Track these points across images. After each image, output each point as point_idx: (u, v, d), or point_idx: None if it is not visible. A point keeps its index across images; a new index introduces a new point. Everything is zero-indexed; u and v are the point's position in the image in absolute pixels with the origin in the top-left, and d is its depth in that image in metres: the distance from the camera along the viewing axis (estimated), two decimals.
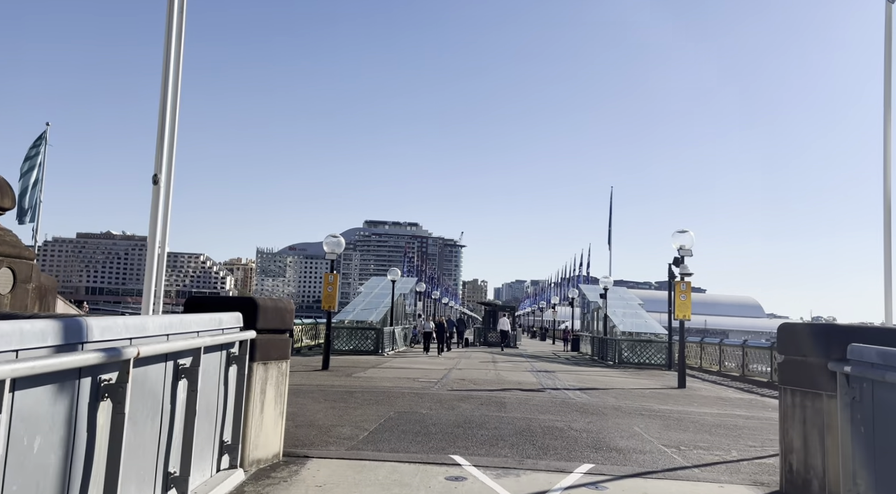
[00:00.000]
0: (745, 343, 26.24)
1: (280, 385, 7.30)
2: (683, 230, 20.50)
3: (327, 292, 21.05)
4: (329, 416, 10.65)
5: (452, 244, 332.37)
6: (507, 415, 11.23)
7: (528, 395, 14.66)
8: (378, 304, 34.59)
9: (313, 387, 14.75)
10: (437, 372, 20.85)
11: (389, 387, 15.17)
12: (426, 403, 12.54)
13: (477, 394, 14.28)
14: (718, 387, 21.00)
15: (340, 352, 29.18)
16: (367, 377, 18.39)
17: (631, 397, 15.90)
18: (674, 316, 20.37)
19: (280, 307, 7.17)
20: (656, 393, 17.50)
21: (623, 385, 19.55)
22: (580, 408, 12.75)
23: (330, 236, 21.14)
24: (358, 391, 14.27)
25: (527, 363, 28.36)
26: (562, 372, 23.38)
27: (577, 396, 15.12)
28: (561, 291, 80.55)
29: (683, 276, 20.35)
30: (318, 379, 17.12)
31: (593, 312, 37.89)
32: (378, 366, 22.64)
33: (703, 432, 10.66)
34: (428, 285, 67.18)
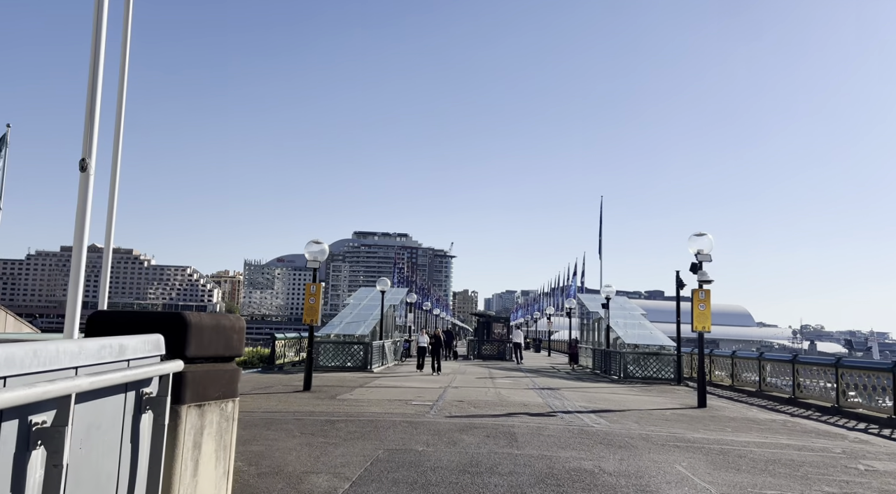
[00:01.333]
0: (761, 355, 24.39)
1: (224, 433, 5.27)
2: (701, 233, 18.67)
3: (309, 304, 19.00)
4: (303, 457, 8.62)
5: (443, 255, 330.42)
6: (522, 453, 9.23)
7: (539, 422, 12.66)
8: (366, 316, 32.54)
9: (289, 415, 12.70)
10: (431, 391, 18.82)
11: (378, 414, 13.14)
12: (422, 435, 10.52)
13: (480, 422, 12.27)
14: (740, 406, 19.11)
15: (326, 369, 27.10)
16: (354, 399, 16.34)
17: (653, 421, 13.96)
18: (692, 328, 18.48)
19: (223, 325, 5.16)
20: (678, 415, 15.57)
21: (638, 405, 17.61)
22: (604, 440, 10.77)
23: (312, 242, 19.14)
24: (341, 419, 12.22)
25: (527, 379, 26.37)
26: (567, 390, 21.42)
27: (594, 422, 13.16)
28: (554, 301, 78.74)
29: (702, 284, 18.48)
30: (297, 403, 15.05)
31: (594, 323, 36.00)
32: (366, 385, 20.58)
33: (762, 472, 8.72)
34: (419, 296, 65.19)
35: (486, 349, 42.40)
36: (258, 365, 28.64)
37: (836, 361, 19.03)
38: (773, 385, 22.96)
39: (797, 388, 20.80)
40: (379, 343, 29.82)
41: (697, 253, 18.48)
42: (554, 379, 27.23)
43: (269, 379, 22.42)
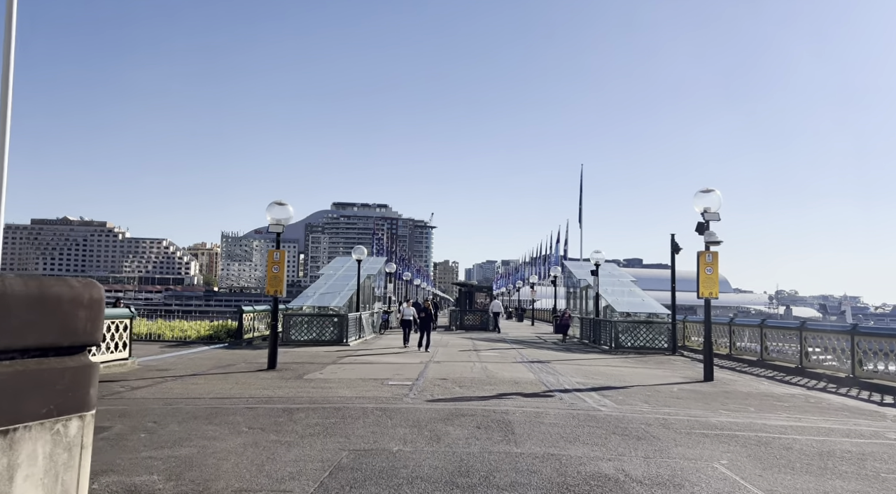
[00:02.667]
0: (763, 322, 22.85)
1: (63, 471, 3.24)
2: (708, 189, 16.81)
3: (272, 274, 16.91)
4: (243, 465, 6.67)
5: (423, 225, 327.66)
6: (523, 452, 7.36)
7: (536, 406, 10.82)
8: (342, 287, 30.51)
9: (241, 403, 10.72)
10: (411, 368, 16.95)
11: (347, 399, 11.21)
12: (398, 429, 8.61)
13: (468, 408, 10.39)
14: (747, 378, 17.53)
15: (298, 343, 25.16)
16: (323, 379, 14.42)
17: (664, 400, 12.23)
18: (698, 294, 16.74)
19: (54, 296, 3.12)
20: (688, 391, 13.87)
21: (640, 379, 15.91)
22: (617, 428, 8.96)
23: (274, 203, 16.97)
24: (303, 407, 10.27)
25: (514, 351, 24.65)
26: (558, 363, 19.69)
27: (598, 403, 11.36)
28: (537, 270, 77.28)
29: (710, 245, 16.70)
30: (256, 385, 13.08)
31: (581, 291, 34.36)
32: (339, 361, 18.67)
33: (823, 471, 6.95)
34: (399, 266, 63.25)
35: (468, 319, 40.71)
36: (225, 339, 26.60)
37: (852, 328, 17.47)
38: (776, 354, 21.49)
39: (804, 357, 19.30)
40: (355, 315, 27.88)
41: (704, 212, 16.65)
42: (542, 350, 25.54)
43: (233, 355, 20.42)
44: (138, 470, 6.40)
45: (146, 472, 6.34)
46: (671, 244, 26.16)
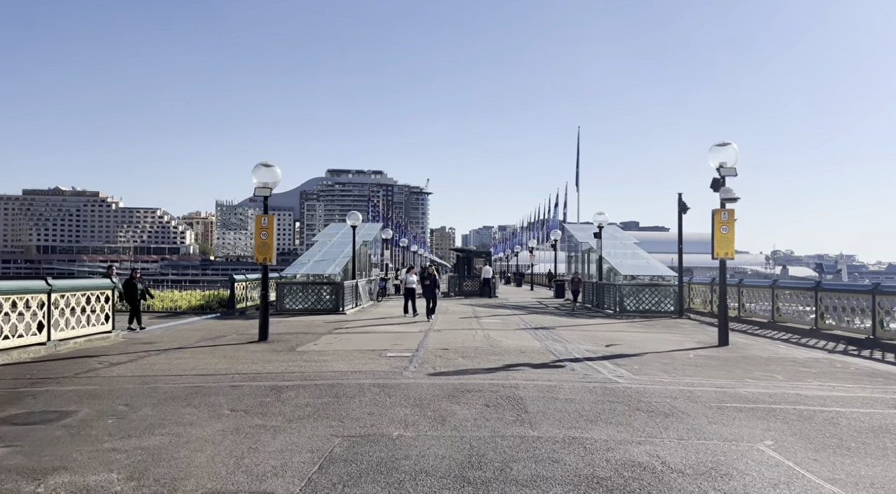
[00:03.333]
0: (775, 283, 22.02)
1: None
2: (724, 143, 15.74)
3: (260, 240, 15.90)
4: (220, 458, 5.77)
5: (419, 192, 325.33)
6: (541, 436, 6.48)
7: (548, 378, 9.93)
8: (337, 254, 29.53)
9: (226, 380, 9.82)
10: (411, 337, 16.09)
11: (343, 374, 10.31)
12: (398, 409, 7.72)
13: (474, 382, 9.50)
14: (763, 341, 16.74)
15: (292, 312, 24.30)
16: (317, 351, 13.54)
17: (682, 368, 11.37)
18: (713, 254, 15.82)
19: None
20: (706, 358, 13.04)
21: (652, 345, 15.08)
22: (640, 404, 8.09)
23: (260, 165, 15.85)
24: (293, 384, 9.37)
25: (515, 317, 23.84)
26: (563, 329, 18.87)
27: (613, 374, 10.50)
28: (535, 234, 76.45)
29: (726, 202, 15.71)
30: (245, 359, 12.19)
31: (583, 255, 33.46)
32: (335, 331, 17.80)
33: (884, 452, 6.10)
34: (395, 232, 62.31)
35: (467, 285, 39.86)
36: (218, 309, 25.74)
37: (874, 287, 16.62)
38: (789, 315, 20.70)
39: (820, 319, 18.51)
40: (351, 283, 26.97)
41: (720, 167, 15.61)
42: (545, 316, 24.73)
43: (224, 326, 19.54)
44: (96, 467, 5.49)
45: (105, 469, 5.44)
46: (678, 203, 25.17)
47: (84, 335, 15.30)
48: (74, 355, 13.10)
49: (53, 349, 13.79)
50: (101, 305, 16.26)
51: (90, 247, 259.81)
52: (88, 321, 15.67)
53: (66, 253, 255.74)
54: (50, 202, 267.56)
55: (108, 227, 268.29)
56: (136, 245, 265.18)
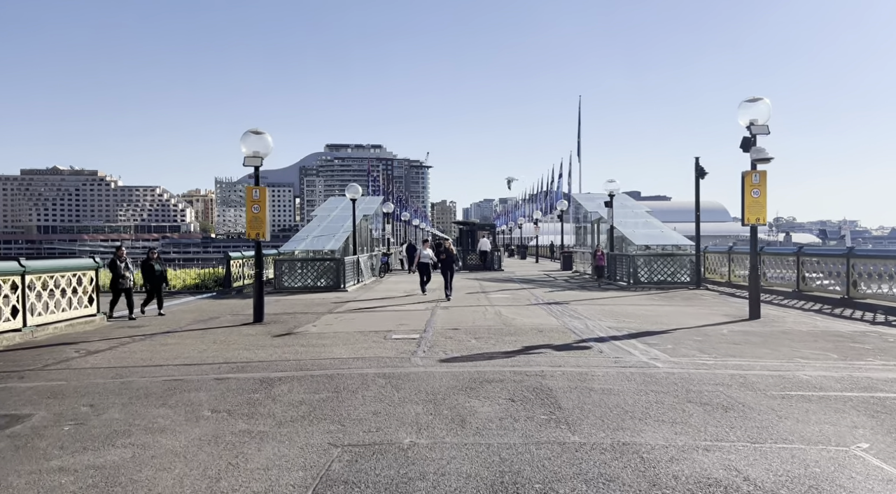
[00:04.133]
0: (801, 250, 20.78)
1: None
2: (755, 98, 14.39)
3: (252, 214, 14.67)
4: (190, 479, 4.63)
5: (419, 165, 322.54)
6: (584, 442, 5.33)
7: (575, 363, 8.77)
8: (337, 229, 28.32)
9: (212, 370, 8.67)
10: (417, 316, 14.95)
11: (343, 361, 9.16)
12: (408, 407, 6.57)
13: (492, 369, 8.34)
14: (795, 313, 15.56)
15: (291, 290, 23.16)
16: (316, 333, 12.41)
17: (721, 346, 10.21)
18: (743, 220, 14.58)
19: None
20: (741, 333, 11.87)
21: (678, 319, 13.93)
22: (689, 394, 6.94)
23: (249, 133, 14.56)
24: (287, 374, 8.23)
25: (525, 291, 22.70)
26: (578, 304, 17.71)
27: (647, 355, 9.35)
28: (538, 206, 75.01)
29: (757, 164, 14.41)
30: (235, 345, 11.04)
31: (593, 225, 32.20)
32: (335, 310, 16.68)
33: None
34: (396, 206, 60.96)
35: (471, 259, 38.66)
36: (214, 288, 24.61)
37: None
38: (815, 284, 19.51)
39: (852, 287, 17.32)
40: (352, 258, 25.79)
41: (750, 125, 14.28)
42: (555, 290, 23.58)
43: (218, 306, 18.42)
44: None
45: None
46: (695, 168, 23.84)
47: (65, 319, 14.17)
48: (52, 342, 11.97)
49: (30, 335, 12.67)
50: (83, 287, 15.13)
51: (91, 226, 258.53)
52: (70, 304, 14.54)
53: (67, 233, 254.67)
54: (49, 182, 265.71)
55: (107, 206, 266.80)
56: (137, 223, 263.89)
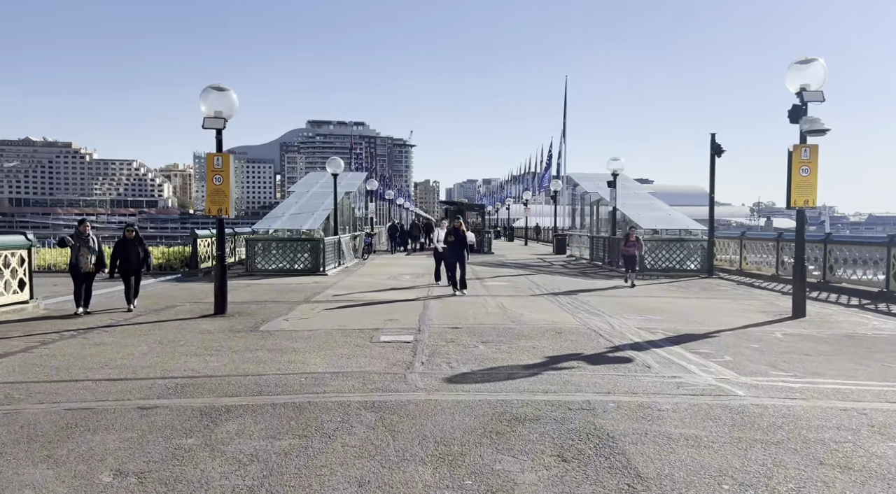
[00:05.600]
0: (828, 237, 18.87)
1: None
2: (808, 59, 12.28)
3: (213, 186, 12.31)
4: None
5: (402, 144, 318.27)
6: None
7: (626, 388, 6.62)
8: (316, 206, 25.95)
9: (142, 389, 6.42)
10: (407, 308, 12.79)
11: (317, 378, 6.96)
12: (410, 471, 4.39)
13: (519, 400, 6.15)
14: (838, 309, 13.61)
15: (265, 273, 20.89)
16: (287, 331, 10.20)
17: (791, 359, 8.16)
18: (789, 202, 12.54)
19: None
20: (798, 337, 9.85)
21: (712, 317, 11.90)
22: (811, 448, 4.86)
23: (210, 89, 12.16)
24: (239, 403, 6.01)
25: (522, 277, 20.64)
26: (586, 294, 15.67)
27: (709, 373, 7.27)
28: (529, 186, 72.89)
29: (808, 136, 12.33)
30: (184, 347, 8.80)
31: (592, 206, 30.14)
32: (313, 298, 14.48)
33: None
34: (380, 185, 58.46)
35: None
36: (179, 269, 22.24)
37: None
38: (845, 276, 17.61)
39: (893, 279, 15.46)
40: (333, 239, 23.50)
41: (801, 91, 12.16)
42: (555, 276, 21.54)
43: (180, 291, 16.14)
44: None
45: None
46: (711, 145, 21.84)
47: None
48: None
49: None
50: (11, 269, 12.76)
51: (64, 199, 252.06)
52: None
53: (40, 206, 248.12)
54: (21, 153, 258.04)
55: (82, 180, 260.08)
56: (113, 198, 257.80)
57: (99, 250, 12.47)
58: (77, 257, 12.21)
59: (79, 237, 12.34)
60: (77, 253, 12.22)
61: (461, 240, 16.01)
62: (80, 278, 12.19)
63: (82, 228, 12.47)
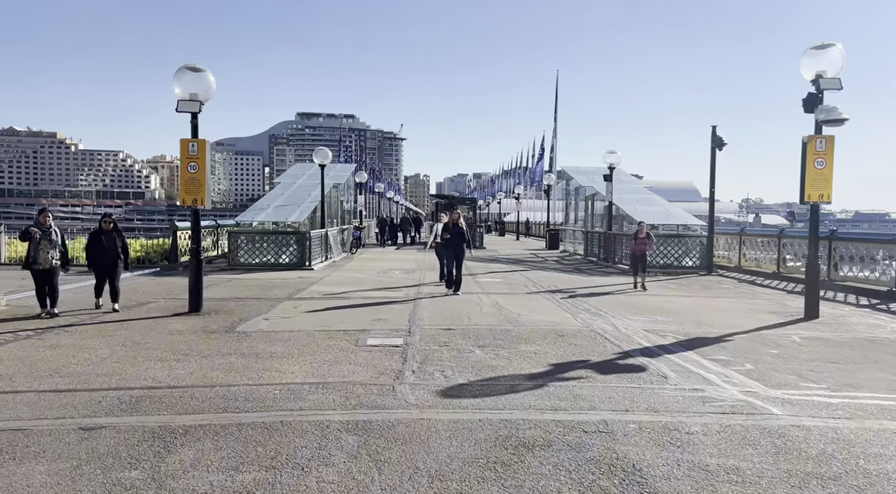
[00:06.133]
0: (833, 234, 18.19)
1: None
2: (824, 44, 11.53)
3: (188, 174, 11.40)
4: None
5: (392, 137, 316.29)
6: None
7: (645, 404, 5.83)
8: (303, 198, 25.05)
9: (88, 405, 5.54)
10: (396, 309, 11.95)
11: (294, 390, 6.13)
12: None
13: (525, 419, 5.33)
14: (851, 310, 12.94)
15: (248, 267, 20.00)
16: (265, 332, 9.36)
17: (822, 370, 7.41)
18: (803, 197, 11.81)
19: None
20: (818, 342, 9.12)
21: (720, 318, 11.17)
22: (845, 479, 4.11)
23: (185, 69, 11.25)
24: (200, 422, 5.16)
25: (516, 274, 19.87)
26: (585, 293, 14.91)
27: (733, 383, 6.51)
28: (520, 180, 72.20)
29: (823, 126, 11.59)
30: (149, 350, 7.94)
31: (587, 201, 29.41)
32: (296, 295, 13.64)
33: None
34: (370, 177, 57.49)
35: None
36: (158, 263, 21.27)
37: None
38: (852, 274, 16.95)
39: None
40: (320, 232, 22.60)
41: (818, 78, 11.41)
42: (550, 272, 20.79)
43: (157, 286, 15.25)
44: None
45: None
46: (712, 137, 21.11)
47: None
48: None
49: None
50: None
51: (49, 190, 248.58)
52: None
53: (25, 197, 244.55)
54: (4, 143, 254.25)
55: (67, 170, 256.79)
56: (99, 189, 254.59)
57: (63, 244, 11.14)
58: (36, 251, 10.73)
59: (39, 228, 10.87)
60: (37, 246, 10.74)
61: (460, 234, 14.56)
62: (40, 276, 10.75)
63: (42, 218, 11.02)
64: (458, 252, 14.36)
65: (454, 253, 14.35)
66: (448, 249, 14.51)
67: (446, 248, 14.57)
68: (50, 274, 10.81)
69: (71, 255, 17.45)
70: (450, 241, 14.46)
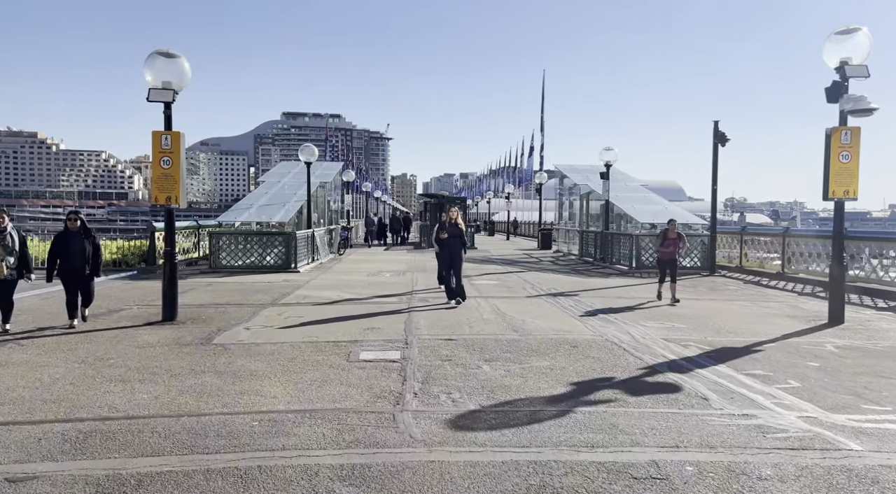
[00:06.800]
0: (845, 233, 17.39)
1: None
2: (850, 29, 10.71)
3: (161, 170, 10.36)
4: None
5: (378, 137, 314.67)
6: None
7: (697, 438, 4.88)
8: (288, 198, 24.02)
9: (25, 444, 4.51)
10: (390, 316, 10.99)
11: (275, 423, 5.15)
12: None
13: (557, 460, 4.38)
14: (873, 314, 12.16)
15: (231, 270, 18.95)
16: (246, 345, 8.36)
17: (877, 387, 6.58)
18: (827, 193, 10.98)
19: None
20: (859, 352, 8.28)
21: (743, 326, 10.31)
22: None
23: (157, 54, 10.23)
24: (158, 468, 4.19)
25: (512, 275, 18.98)
26: (589, 296, 14.04)
27: (785, 406, 5.64)
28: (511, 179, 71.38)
29: (848, 117, 10.77)
30: (111, 369, 6.93)
31: (582, 199, 28.58)
32: (280, 301, 12.64)
33: None
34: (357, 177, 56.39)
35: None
36: (136, 265, 20.14)
37: None
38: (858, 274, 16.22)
39: None
40: (306, 233, 21.57)
41: (843, 65, 10.58)
42: (547, 273, 19.92)
43: (132, 291, 14.20)
44: None
45: None
46: (714, 133, 20.38)
47: None
48: None
49: None
50: None
51: (30, 191, 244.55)
52: None
53: (4, 198, 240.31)
54: None
55: (49, 171, 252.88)
56: (81, 189, 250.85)
57: (21, 249, 9.35)
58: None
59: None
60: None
61: (458, 235, 12.84)
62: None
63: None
64: (455, 256, 12.64)
65: (450, 256, 12.65)
66: (443, 251, 12.78)
67: (441, 250, 12.84)
68: (4, 284, 9.21)
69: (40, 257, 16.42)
70: (446, 242, 12.73)
